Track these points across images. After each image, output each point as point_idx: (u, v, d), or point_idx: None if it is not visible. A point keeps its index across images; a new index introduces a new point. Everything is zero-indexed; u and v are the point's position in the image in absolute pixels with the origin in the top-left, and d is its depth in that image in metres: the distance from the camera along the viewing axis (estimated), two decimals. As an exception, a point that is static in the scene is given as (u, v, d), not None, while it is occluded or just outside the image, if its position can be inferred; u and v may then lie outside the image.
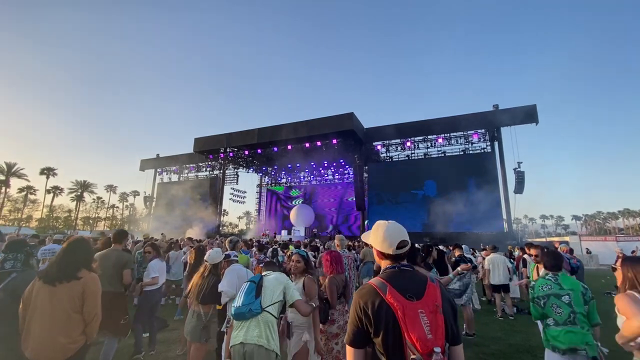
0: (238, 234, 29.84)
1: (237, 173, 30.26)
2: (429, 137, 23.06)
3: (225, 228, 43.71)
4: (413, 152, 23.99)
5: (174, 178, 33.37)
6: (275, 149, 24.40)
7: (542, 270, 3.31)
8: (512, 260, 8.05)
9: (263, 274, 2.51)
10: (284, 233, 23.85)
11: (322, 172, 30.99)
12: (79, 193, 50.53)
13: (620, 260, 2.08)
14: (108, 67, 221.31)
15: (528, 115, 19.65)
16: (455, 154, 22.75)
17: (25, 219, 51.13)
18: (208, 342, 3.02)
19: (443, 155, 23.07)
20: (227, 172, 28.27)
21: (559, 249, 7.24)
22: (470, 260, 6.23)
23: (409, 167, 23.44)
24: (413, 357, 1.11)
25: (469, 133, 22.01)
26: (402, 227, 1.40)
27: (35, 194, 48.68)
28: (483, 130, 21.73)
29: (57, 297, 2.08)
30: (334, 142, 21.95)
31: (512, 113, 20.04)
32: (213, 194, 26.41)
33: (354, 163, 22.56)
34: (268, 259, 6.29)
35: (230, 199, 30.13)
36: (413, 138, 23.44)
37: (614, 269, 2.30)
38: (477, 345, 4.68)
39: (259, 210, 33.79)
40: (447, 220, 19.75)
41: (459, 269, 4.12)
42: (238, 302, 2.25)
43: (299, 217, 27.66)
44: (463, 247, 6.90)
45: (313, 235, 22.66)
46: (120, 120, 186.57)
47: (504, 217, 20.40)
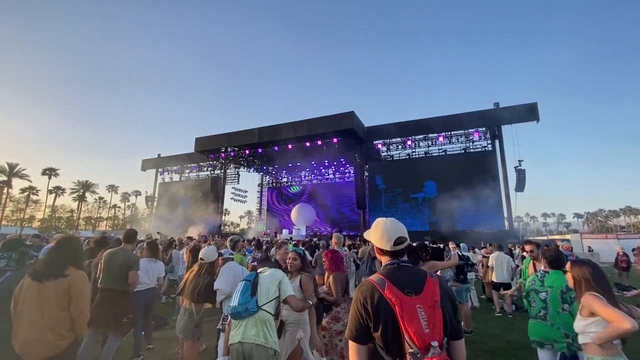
0: (239, 234, 29.91)
1: (238, 172, 30.33)
2: (430, 135, 23.03)
3: (227, 227, 43.83)
4: (414, 150, 24.00)
5: (175, 178, 33.50)
6: (276, 148, 24.46)
7: (541, 266, 3.35)
8: (514, 260, 8.04)
9: (259, 271, 2.50)
10: (285, 232, 23.92)
11: (322, 171, 31.02)
12: (81, 193, 50.76)
13: (569, 264, 2.16)
14: (109, 67, 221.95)
15: (529, 113, 19.59)
16: (456, 153, 22.73)
17: (28, 220, 51.35)
18: (200, 340, 3.01)
19: (444, 154, 23.04)
20: (228, 171, 28.33)
21: (562, 246, 7.24)
22: (468, 258, 6.28)
23: (410, 165, 23.43)
24: (411, 350, 1.13)
25: (470, 131, 21.97)
26: (400, 224, 1.42)
27: (38, 195, 48.88)
28: (484, 129, 21.69)
29: (44, 294, 2.10)
30: (335, 141, 21.97)
31: (512, 111, 19.98)
32: (214, 194, 26.50)
33: (355, 162, 22.59)
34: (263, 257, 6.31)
35: (232, 199, 30.20)
36: (414, 137, 23.43)
37: (565, 272, 2.36)
38: (474, 343, 4.70)
39: (260, 210, 33.89)
40: (448, 219, 19.75)
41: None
42: (234, 301, 2.26)
43: (300, 216, 27.73)
44: (461, 245, 6.94)
45: (313, 234, 22.74)
46: (122, 121, 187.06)
47: (505, 215, 20.41)
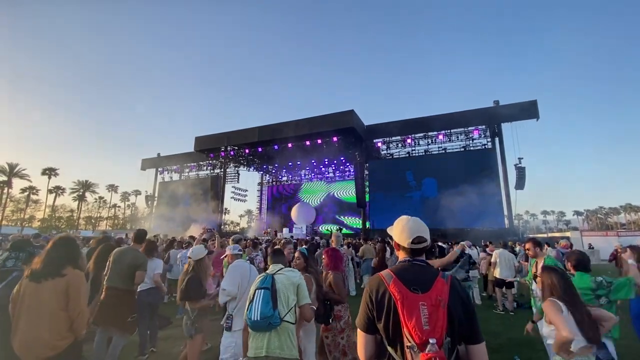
0: (240, 232, 29.93)
1: (238, 171, 30.28)
2: (430, 133, 23.01)
3: (227, 226, 43.83)
4: (413, 148, 23.98)
5: (175, 177, 33.48)
6: (276, 147, 24.44)
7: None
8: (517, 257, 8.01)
9: (273, 273, 2.31)
10: (286, 231, 23.93)
11: (322, 169, 31.01)
12: (81, 193, 50.73)
13: (541, 269, 2.22)
14: (108, 67, 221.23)
15: (529, 111, 19.58)
16: (456, 151, 22.73)
17: (28, 219, 51.29)
18: (196, 336, 3.02)
19: (444, 152, 23.05)
20: (228, 170, 28.33)
21: (559, 244, 7.24)
22: (470, 256, 6.28)
23: (410, 163, 23.42)
24: (408, 344, 1.15)
25: (470, 129, 21.94)
26: (423, 225, 1.42)
27: (38, 194, 48.85)
28: (484, 127, 21.67)
29: (43, 294, 2.10)
30: (335, 139, 21.96)
31: (512, 109, 19.95)
32: (214, 193, 26.49)
33: (355, 160, 22.58)
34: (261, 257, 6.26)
35: (232, 198, 30.22)
36: (413, 135, 23.41)
37: (535, 276, 2.42)
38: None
39: (260, 209, 33.89)
40: (448, 217, 19.75)
41: None
42: (255, 314, 2.07)
43: (300, 214, 27.74)
44: (464, 242, 6.92)
45: (314, 233, 22.75)
46: (121, 120, 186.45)
47: (505, 213, 20.42)
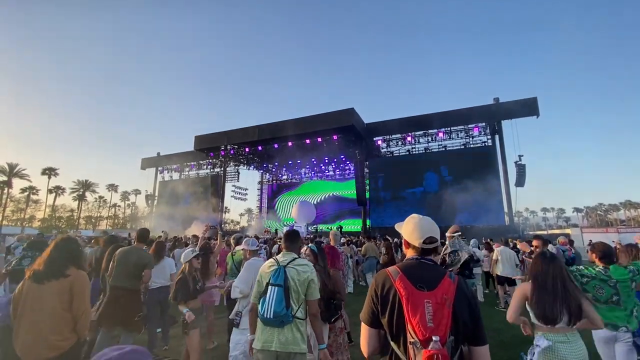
0: (240, 231, 29.98)
1: (237, 170, 30.25)
2: (430, 131, 23.00)
3: (227, 225, 43.87)
4: (414, 146, 23.98)
5: (175, 176, 33.43)
6: (276, 146, 24.42)
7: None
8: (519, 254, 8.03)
9: (285, 265, 2.26)
10: (286, 230, 23.95)
11: (322, 168, 31.02)
12: (81, 192, 50.73)
13: (537, 255, 2.43)
14: (108, 66, 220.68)
15: (529, 108, 19.59)
16: (456, 148, 22.72)
17: (28, 219, 51.28)
18: (191, 333, 3.18)
19: (444, 150, 23.05)
20: (228, 169, 28.31)
21: (558, 241, 7.26)
22: (473, 253, 6.31)
23: (410, 161, 23.44)
24: (412, 340, 1.16)
25: (470, 127, 21.95)
26: (435, 225, 1.42)
27: (38, 194, 48.89)
28: (484, 124, 21.66)
29: (46, 295, 2.10)
30: (335, 137, 21.94)
31: (512, 106, 19.96)
32: (214, 192, 26.49)
33: (355, 158, 22.57)
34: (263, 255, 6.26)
35: (232, 196, 30.17)
36: (413, 133, 23.40)
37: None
38: (480, 337, 4.75)
39: (261, 207, 33.91)
40: (448, 214, 19.80)
41: None
42: (268, 311, 2.09)
43: (301, 213, 27.73)
44: (471, 241, 6.95)
45: (315, 231, 22.78)
46: (121, 120, 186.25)
47: (505, 210, 20.49)
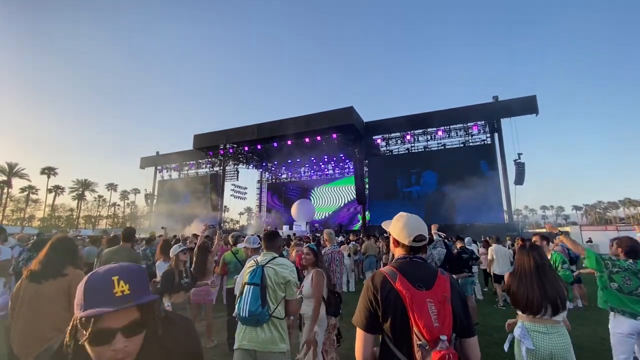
0: (239, 230, 29.96)
1: (237, 169, 30.25)
2: (429, 129, 23.00)
3: (227, 224, 43.86)
4: (413, 145, 23.97)
5: (174, 175, 33.40)
6: (275, 145, 24.38)
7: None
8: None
9: (263, 264, 2.24)
10: (286, 228, 23.95)
11: (322, 166, 31.00)
12: (80, 192, 50.61)
13: (518, 247, 2.61)
14: (107, 66, 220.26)
15: (528, 106, 19.59)
16: (455, 146, 22.71)
17: (28, 219, 51.20)
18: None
19: (443, 148, 23.03)
20: (227, 168, 28.27)
21: (557, 239, 7.25)
22: (472, 252, 6.30)
23: (409, 160, 23.42)
24: (419, 343, 1.14)
25: (469, 125, 21.93)
26: (423, 222, 1.41)
27: (37, 194, 48.73)
28: (483, 122, 21.65)
29: (44, 294, 2.08)
30: (334, 136, 21.91)
31: (511, 104, 19.95)
32: (214, 191, 26.46)
33: (354, 157, 22.57)
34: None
35: (231, 195, 30.23)
36: (413, 131, 23.38)
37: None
38: (480, 335, 4.67)
39: (260, 206, 33.89)
40: (447, 212, 19.82)
41: None
42: (243, 310, 2.09)
43: (300, 212, 27.71)
44: (465, 239, 6.95)
45: (315, 230, 22.79)
46: (120, 119, 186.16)
47: (505, 208, 20.50)
